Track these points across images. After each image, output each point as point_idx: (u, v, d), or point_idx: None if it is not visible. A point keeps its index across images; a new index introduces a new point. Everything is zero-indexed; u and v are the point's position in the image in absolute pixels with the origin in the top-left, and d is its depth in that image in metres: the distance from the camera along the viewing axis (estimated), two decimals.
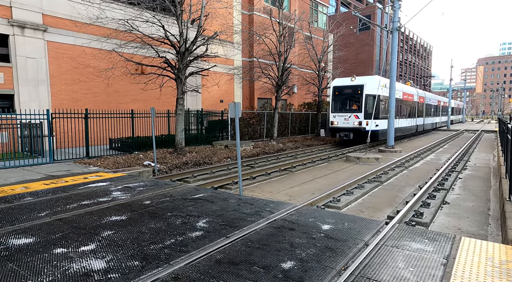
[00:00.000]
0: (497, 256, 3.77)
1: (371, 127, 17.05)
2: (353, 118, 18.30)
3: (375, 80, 18.28)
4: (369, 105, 18.04)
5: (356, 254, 3.85)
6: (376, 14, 51.10)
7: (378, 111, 18.49)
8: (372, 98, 17.96)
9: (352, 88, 18.64)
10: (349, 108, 18.81)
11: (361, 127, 18.01)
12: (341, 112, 18.90)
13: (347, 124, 18.53)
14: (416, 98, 26.40)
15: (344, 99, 19.16)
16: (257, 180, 9.72)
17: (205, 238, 4.26)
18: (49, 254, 3.77)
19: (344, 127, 18.71)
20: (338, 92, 19.19)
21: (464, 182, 9.88)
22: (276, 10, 21.91)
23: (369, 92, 18.01)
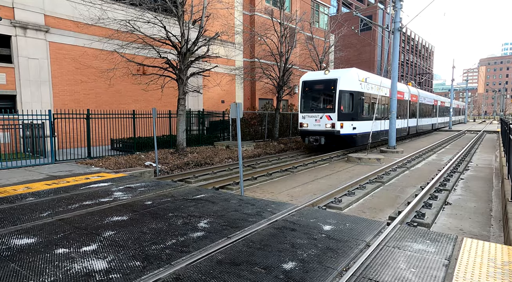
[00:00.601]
0: (499, 257, 3.75)
1: (347, 130, 14.76)
2: (325, 119, 14.90)
3: (351, 73, 15.27)
4: (345, 104, 14.93)
5: (358, 254, 3.85)
6: (378, 14, 51.06)
7: (357, 111, 15.37)
8: (348, 95, 14.99)
9: (324, 83, 15.21)
10: (321, 108, 15.45)
11: (334, 131, 14.68)
12: (311, 112, 15.47)
13: (318, 126, 15.09)
14: (407, 97, 23.30)
15: (315, 96, 15.78)
16: (258, 180, 9.72)
17: (206, 239, 4.26)
18: (51, 254, 3.78)
19: (314, 131, 15.27)
20: (309, 88, 15.77)
21: (466, 183, 9.85)
22: (277, 11, 21.92)
23: (344, 88, 14.77)
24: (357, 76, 15.50)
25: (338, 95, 14.60)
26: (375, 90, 17.16)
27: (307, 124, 15.62)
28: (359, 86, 15.46)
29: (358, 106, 15.56)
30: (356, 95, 15.27)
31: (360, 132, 15.72)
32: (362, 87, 15.82)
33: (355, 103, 15.29)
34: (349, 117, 15.00)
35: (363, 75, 16.21)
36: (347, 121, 14.84)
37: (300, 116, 15.97)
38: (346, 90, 14.85)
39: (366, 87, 16.09)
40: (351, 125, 15.07)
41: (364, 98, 16.02)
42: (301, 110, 15.90)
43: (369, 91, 16.44)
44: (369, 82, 16.47)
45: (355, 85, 15.10)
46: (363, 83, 15.93)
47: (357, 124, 15.45)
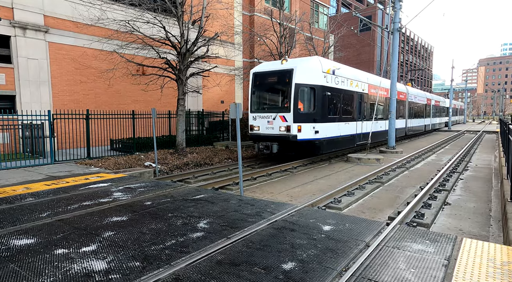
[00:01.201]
0: (499, 257, 3.76)
1: (307, 135, 11.64)
2: (279, 120, 11.74)
3: (312, 63, 12.16)
4: (304, 102, 11.93)
5: (357, 255, 3.85)
6: (377, 15, 51.12)
7: (321, 110, 12.20)
8: (308, 90, 11.94)
9: (278, 75, 12.15)
10: (274, 106, 12.35)
11: (289, 135, 11.50)
12: (263, 111, 12.39)
13: (271, 130, 11.96)
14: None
15: (267, 92, 12.73)
16: (258, 180, 9.72)
17: (206, 239, 4.26)
18: (50, 255, 3.77)
19: (267, 135, 12.13)
20: (260, 82, 12.65)
21: (466, 183, 9.86)
22: (277, 11, 21.94)
23: (303, 81, 11.69)
24: (319, 66, 12.19)
25: (294, 90, 11.42)
26: (348, 85, 14.22)
27: (259, 127, 12.30)
28: (323, 80, 12.25)
29: (323, 105, 12.26)
30: (320, 91, 12.06)
31: (325, 137, 12.44)
32: (328, 81, 12.62)
33: (319, 100, 12.03)
34: (310, 118, 11.83)
35: (329, 65, 12.97)
36: (307, 124, 11.65)
37: (250, 117, 12.72)
38: (305, 84, 11.72)
39: (334, 81, 12.97)
40: (312, 129, 11.81)
41: (331, 94, 12.76)
42: (251, 110, 12.72)
43: (338, 85, 13.31)
44: (339, 75, 13.34)
45: (317, 78, 12.03)
46: (330, 76, 12.73)
47: (320, 127, 12.18)
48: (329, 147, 13.08)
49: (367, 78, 16.55)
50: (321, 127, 12.27)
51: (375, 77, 18.05)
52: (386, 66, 34.21)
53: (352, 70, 15.45)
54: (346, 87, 14.07)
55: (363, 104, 15.91)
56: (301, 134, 11.56)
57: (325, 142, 12.64)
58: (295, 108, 11.52)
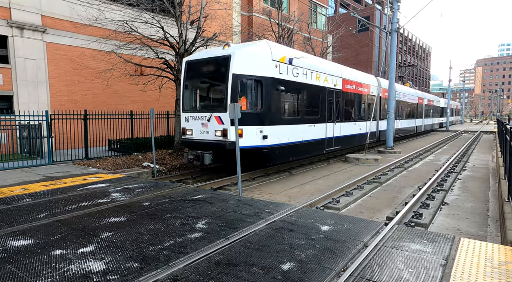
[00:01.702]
0: (496, 257, 3.77)
1: (251, 141, 9.08)
2: (214, 122, 9.25)
3: (257, 48, 9.47)
4: (247, 98, 9.33)
5: (356, 255, 3.85)
6: (375, 15, 51.24)
7: (272, 109, 9.54)
8: (252, 83, 9.23)
9: (213, 64, 9.61)
10: (209, 104, 9.81)
11: (225, 141, 8.99)
12: (196, 111, 9.79)
13: (206, 134, 9.43)
14: (374, 92, 17.64)
15: (201, 86, 10.16)
16: (256, 181, 9.71)
17: (204, 239, 4.25)
18: (48, 256, 3.76)
19: (200, 141, 9.56)
20: (194, 73, 10.03)
21: (463, 183, 9.89)
22: (275, 11, 21.97)
23: (244, 71, 9.03)
24: (268, 53, 9.43)
25: (232, 83, 8.80)
26: (313, 79, 11.53)
27: (192, 130, 9.68)
28: (273, 70, 9.49)
29: (274, 103, 9.61)
30: (269, 85, 9.36)
31: (278, 144, 9.71)
32: (282, 72, 9.84)
33: (268, 97, 9.36)
34: (256, 119, 9.18)
35: (283, 52, 10.09)
36: (251, 127, 9.06)
37: (182, 118, 10.02)
38: (247, 76, 9.01)
39: (292, 73, 10.24)
40: (258, 133, 9.15)
41: (286, 89, 10.05)
42: (183, 109, 10.03)
43: (299, 79, 10.63)
44: (299, 65, 10.67)
45: (265, 68, 9.28)
46: (285, 67, 9.95)
47: (271, 131, 9.45)
48: (284, 156, 10.22)
49: (341, 71, 13.86)
50: (271, 131, 9.45)
51: (353, 72, 15.57)
52: (384, 67, 34.27)
53: (319, 61, 12.75)
54: (311, 82, 11.38)
55: (336, 103, 13.28)
56: (242, 140, 8.80)
57: (278, 150, 9.77)
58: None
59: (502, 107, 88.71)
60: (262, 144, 9.31)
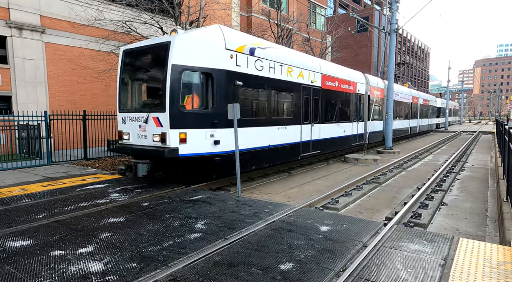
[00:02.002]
0: (495, 257, 3.78)
1: (197, 148, 7.42)
2: (152, 124, 7.46)
3: (206, 34, 7.85)
4: (193, 94, 7.63)
5: (355, 255, 3.86)
6: (374, 16, 51.32)
7: (225, 108, 7.50)
8: (199, 77, 7.57)
9: (151, 53, 7.96)
10: (147, 102, 8.12)
11: (164, 148, 7.13)
12: (131, 111, 8.02)
13: (144, 139, 7.62)
14: (361, 89, 15.89)
15: (139, 80, 8.44)
16: (255, 181, 9.71)
17: (203, 240, 4.25)
18: (47, 257, 3.75)
19: (138, 148, 7.70)
20: (132, 65, 8.37)
21: (462, 183, 9.91)
22: (274, 12, 21.98)
23: (188, 61, 7.36)
24: (221, 40, 7.83)
25: (172, 76, 7.02)
26: (283, 74, 9.84)
27: (129, 134, 7.86)
28: (228, 61, 7.89)
29: (230, 101, 7.79)
30: (223, 79, 7.75)
31: (232, 151, 7.66)
32: (241, 64, 8.26)
33: (221, 93, 7.74)
34: (205, 121, 7.53)
35: (242, 40, 8.52)
36: (199, 130, 7.40)
37: (119, 119, 8.15)
38: (192, 67, 7.31)
39: (254, 66, 8.67)
40: (209, 138, 7.53)
41: (246, 85, 8.43)
42: (120, 108, 8.22)
43: (263, 73, 9.01)
44: (265, 57, 9.03)
45: (217, 58, 7.69)
46: (245, 58, 8.37)
47: (225, 135, 7.79)
48: (245, 164, 8.49)
49: (320, 66, 12.16)
50: (226, 135, 7.74)
51: (335, 67, 14.00)
52: (383, 67, 34.29)
53: (292, 53, 11.03)
54: (280, 77, 9.71)
55: (314, 101, 11.69)
56: (186, 147, 7.14)
57: (231, 157, 7.77)
58: (173, 105, 7.01)
59: (501, 108, 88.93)
60: (213, 150, 7.65)
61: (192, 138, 7.35)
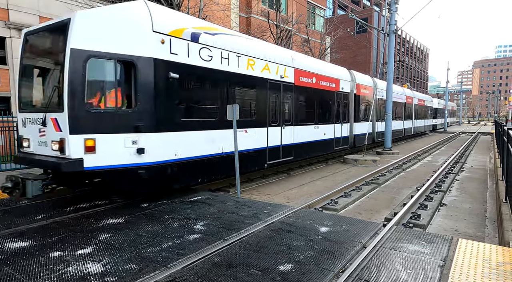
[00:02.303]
0: (494, 258, 3.78)
1: (111, 159, 5.69)
2: (51, 128, 5.59)
3: (123, 11, 6.06)
4: (105, 88, 5.88)
5: (354, 256, 3.85)
6: (373, 17, 51.43)
7: (156, 108, 6.14)
8: (112, 66, 5.80)
9: (50, 34, 6.14)
10: (46, 99, 5.82)
11: (61, 160, 5.32)
12: (31, 111, 6.19)
13: (44, 148, 5.76)
14: (345, 87, 14.23)
15: (39, 70, 6.49)
16: (255, 182, 9.71)
17: (202, 241, 4.25)
18: (46, 258, 3.74)
19: (37, 159, 5.82)
20: (32, 51, 6.49)
21: (461, 184, 9.92)
22: (274, 13, 22.01)
23: (94, 45, 5.57)
24: (147, 19, 6.21)
25: (71, 65, 5.41)
26: (241, 66, 8.24)
27: (29, 141, 6.18)
28: (157, 47, 6.25)
29: (162, 98, 6.30)
30: (150, 69, 6.11)
31: (170, 161, 6.44)
32: (177, 52, 6.59)
33: (148, 88, 6.12)
34: (123, 124, 5.90)
35: (178, 22, 6.87)
36: (114, 136, 5.81)
37: (19, 120, 6.51)
38: (102, 53, 5.70)
39: (196, 54, 6.98)
40: (130, 146, 5.93)
41: (184, 78, 6.72)
42: (19, 106, 6.57)
43: (210, 64, 7.30)
44: (211, 44, 7.33)
45: (141, 43, 6.10)
46: (182, 44, 6.71)
47: (155, 141, 6.17)
48: (187, 177, 6.92)
49: (292, 60, 10.44)
50: (156, 141, 6.10)
51: (313, 61, 12.29)
52: (383, 68, 34.30)
53: (253, 42, 9.23)
54: (237, 70, 8.06)
55: (285, 100, 10.14)
56: (95, 158, 5.53)
57: (172, 169, 6.40)
58: (75, 103, 5.41)
59: (500, 109, 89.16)
60: (136, 161, 5.89)
61: (105, 147, 5.62)
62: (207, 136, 7.35)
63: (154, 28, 6.24)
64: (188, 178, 7.01)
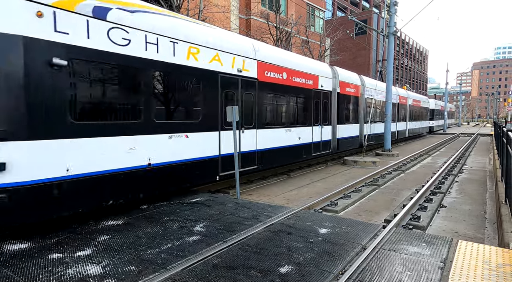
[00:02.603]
0: (494, 260, 3.78)
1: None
2: None
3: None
4: None
5: (354, 258, 3.85)
6: (372, 18, 51.55)
7: (26, 105, 4.37)
8: None
9: None
10: None
11: None
12: None
13: None
14: (325, 85, 12.43)
15: None
16: (254, 183, 9.70)
17: (202, 242, 4.24)
18: (44, 260, 3.73)
19: None
20: None
21: (461, 185, 9.92)
22: (273, 15, 22.06)
23: None
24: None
25: None
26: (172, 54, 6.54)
27: None
28: (27, 21, 4.42)
29: (31, 91, 4.44)
30: (14, 51, 4.30)
31: (51, 179, 4.62)
32: (66, 30, 4.81)
33: (12, 78, 4.31)
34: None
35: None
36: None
37: None
38: None
39: (97, 35, 5.23)
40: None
41: (76, 65, 4.95)
42: None
43: (126, 50, 5.63)
44: (125, 23, 5.65)
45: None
46: (75, 19, 4.93)
47: (19, 154, 4.33)
48: (88, 199, 5.15)
49: (254, 50, 8.91)
50: (27, 152, 4.45)
51: (283, 54, 10.49)
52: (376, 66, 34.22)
53: (199, 26, 7.42)
54: (172, 60, 6.46)
55: (246, 98, 8.58)
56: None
57: (60, 190, 4.74)
58: None
59: (499, 110, 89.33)
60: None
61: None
62: (123, 143, 5.61)
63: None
64: (91, 200, 5.15)
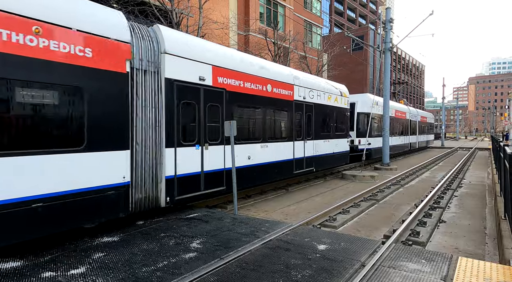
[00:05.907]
0: (495, 277, 3.72)
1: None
2: None
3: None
4: None
5: (353, 275, 3.79)
6: (369, 34, 52.55)
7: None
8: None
9: None
10: None
11: None
12: None
13: None
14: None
15: None
16: (252, 198, 9.63)
17: (198, 260, 4.17)
18: (37, 278, 3.65)
19: None
20: None
21: (460, 200, 9.87)
22: (271, 31, 22.46)
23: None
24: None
25: None
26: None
27: None
28: None
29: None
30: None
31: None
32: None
33: None
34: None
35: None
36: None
37: None
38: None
39: None
40: None
41: None
42: None
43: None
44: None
45: None
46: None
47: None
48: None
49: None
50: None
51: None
52: (379, 84, 34.67)
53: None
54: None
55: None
56: None
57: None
58: None
59: (496, 124, 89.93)
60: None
61: None
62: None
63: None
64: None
